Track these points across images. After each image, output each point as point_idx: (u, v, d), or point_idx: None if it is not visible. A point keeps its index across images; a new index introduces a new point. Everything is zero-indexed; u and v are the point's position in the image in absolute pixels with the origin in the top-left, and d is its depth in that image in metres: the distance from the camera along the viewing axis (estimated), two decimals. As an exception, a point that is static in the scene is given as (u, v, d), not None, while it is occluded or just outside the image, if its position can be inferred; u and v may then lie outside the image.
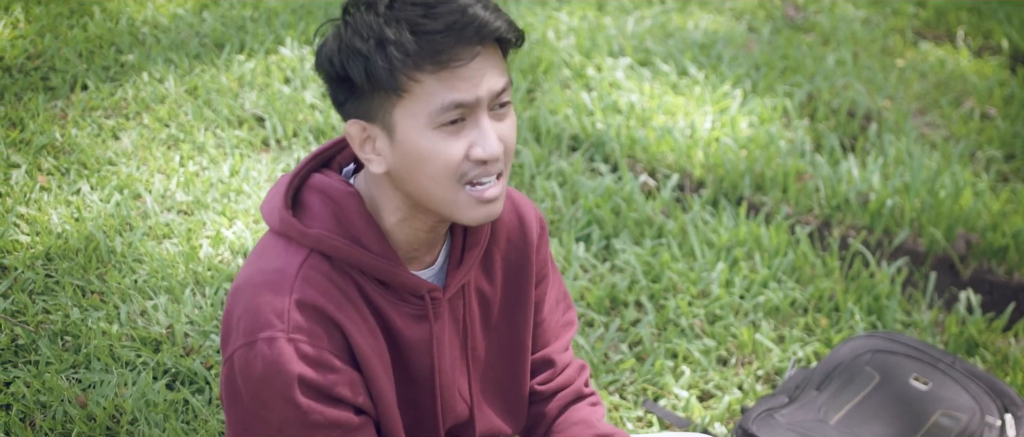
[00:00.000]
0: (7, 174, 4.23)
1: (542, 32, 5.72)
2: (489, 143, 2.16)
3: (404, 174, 2.21)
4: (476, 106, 2.15)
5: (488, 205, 2.22)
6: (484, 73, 2.15)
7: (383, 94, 2.14)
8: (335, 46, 2.17)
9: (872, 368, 3.57)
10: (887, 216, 4.57)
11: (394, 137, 2.17)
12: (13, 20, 5.29)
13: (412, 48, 2.09)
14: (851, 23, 6.29)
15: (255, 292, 2.25)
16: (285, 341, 2.21)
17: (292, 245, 2.29)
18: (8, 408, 3.37)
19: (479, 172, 2.19)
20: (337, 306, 2.26)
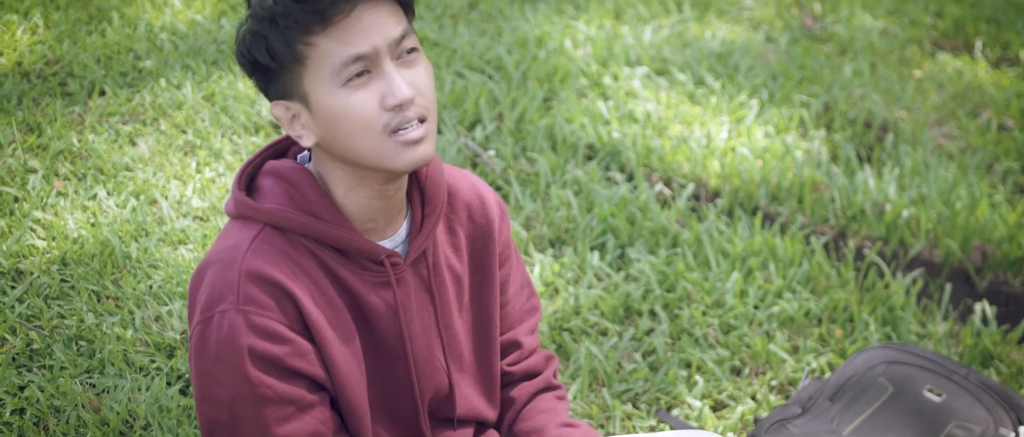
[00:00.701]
0: (24, 179, 4.24)
1: (559, 41, 5.72)
2: (397, 88, 2.23)
3: (330, 139, 2.29)
4: (377, 56, 2.23)
5: (415, 147, 2.28)
6: (377, 23, 2.23)
7: (289, 68, 2.24)
8: (242, 38, 2.27)
9: (886, 379, 3.56)
10: (903, 227, 4.56)
11: (311, 106, 2.26)
12: (32, 25, 5.31)
13: (298, 14, 2.19)
14: (869, 33, 6.29)
15: (210, 270, 2.34)
16: (236, 312, 2.28)
17: (247, 223, 2.37)
18: (22, 412, 3.38)
19: (399, 119, 2.25)
20: (289, 276, 2.32)
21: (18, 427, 3.31)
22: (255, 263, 2.30)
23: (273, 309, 2.29)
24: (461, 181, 2.62)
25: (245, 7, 2.29)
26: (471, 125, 4.99)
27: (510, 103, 5.14)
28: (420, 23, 5.78)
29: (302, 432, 2.35)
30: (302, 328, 2.34)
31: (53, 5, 5.49)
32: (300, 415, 2.35)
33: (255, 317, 2.28)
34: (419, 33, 5.62)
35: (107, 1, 5.59)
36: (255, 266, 2.29)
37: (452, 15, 6.00)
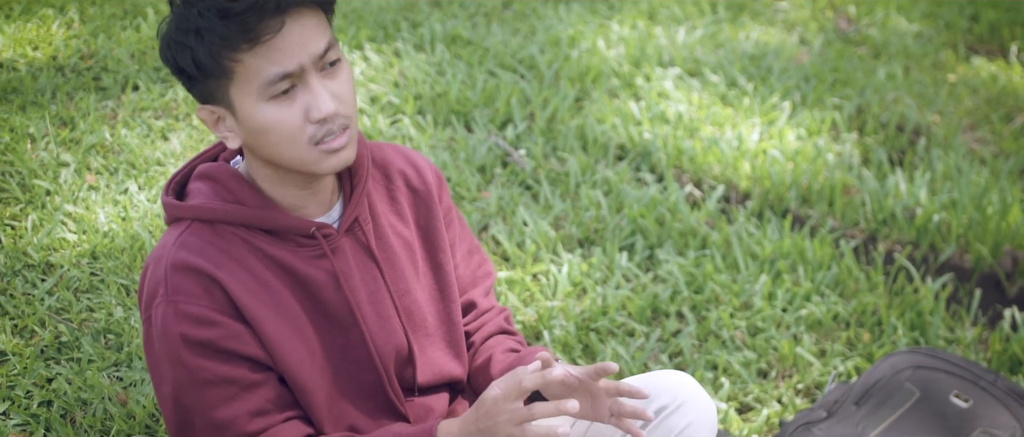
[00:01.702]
0: (57, 172, 4.27)
1: (592, 41, 5.72)
2: (322, 103, 2.29)
3: (255, 145, 2.36)
4: (302, 72, 2.28)
5: (337, 154, 2.36)
6: (302, 40, 2.27)
7: (214, 79, 2.28)
8: (165, 41, 2.30)
9: (912, 384, 3.55)
10: (933, 231, 4.54)
11: (236, 115, 2.32)
12: (68, 20, 5.34)
13: (224, 31, 2.21)
14: (903, 37, 6.26)
15: (146, 272, 2.42)
16: (166, 304, 2.35)
17: (177, 224, 2.44)
18: (49, 404, 3.40)
19: (323, 131, 2.32)
20: (215, 264, 2.38)
21: (45, 419, 3.34)
22: (179, 255, 2.37)
23: (200, 295, 2.36)
24: (391, 154, 2.69)
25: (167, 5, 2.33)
26: (502, 124, 4.99)
27: (541, 102, 5.14)
28: (454, 21, 5.79)
29: (246, 411, 2.41)
30: (233, 311, 2.39)
31: (89, 0, 5.52)
32: (244, 394, 2.41)
33: (183, 305, 2.35)
34: (453, 32, 5.63)
35: (142, -4, 5.63)
36: (179, 258, 2.37)
37: (486, 13, 6.01)
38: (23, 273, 3.82)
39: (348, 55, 5.34)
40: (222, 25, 2.20)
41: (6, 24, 5.21)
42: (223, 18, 2.20)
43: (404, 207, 2.66)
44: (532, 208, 4.47)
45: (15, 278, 3.79)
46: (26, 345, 3.56)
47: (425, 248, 2.70)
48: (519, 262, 4.19)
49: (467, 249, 2.85)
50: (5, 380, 3.44)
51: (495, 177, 4.63)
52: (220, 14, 2.20)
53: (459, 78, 5.22)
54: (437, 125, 4.92)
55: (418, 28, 5.69)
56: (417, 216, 2.68)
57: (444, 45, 5.52)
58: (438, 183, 2.73)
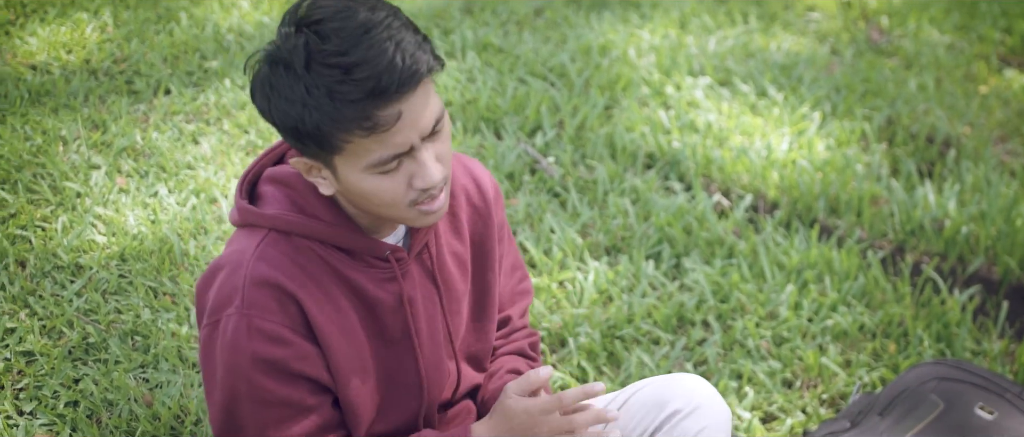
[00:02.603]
0: (88, 175, 4.31)
1: (623, 49, 5.73)
2: (428, 175, 2.24)
3: (352, 199, 2.30)
4: (409, 150, 2.22)
5: (434, 214, 2.33)
6: (415, 119, 2.20)
7: (319, 148, 2.20)
8: (263, 101, 2.21)
9: (937, 395, 3.54)
10: (962, 243, 4.53)
11: (337, 177, 2.25)
12: (102, 24, 5.38)
13: (337, 115, 2.13)
14: (935, 48, 6.25)
15: (218, 275, 2.37)
16: (240, 316, 2.31)
17: (252, 230, 2.39)
18: (76, 405, 3.43)
19: (425, 196, 2.28)
20: (293, 280, 2.34)
21: (71, 419, 3.36)
22: (259, 268, 2.33)
23: (276, 312, 2.33)
24: (456, 168, 2.64)
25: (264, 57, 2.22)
26: (532, 131, 5.00)
27: (571, 110, 5.15)
28: (486, 29, 5.80)
29: (298, 432, 2.40)
30: (305, 331, 2.37)
31: (123, 4, 5.57)
32: (299, 417, 2.40)
33: (259, 321, 2.31)
34: (484, 39, 5.65)
35: (176, 1, 5.66)
36: (259, 271, 2.32)
37: (517, 21, 6.03)
38: (53, 274, 3.85)
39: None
40: (335, 110, 2.12)
41: (41, 27, 5.26)
42: (335, 100, 2.12)
43: (463, 223, 2.63)
44: (560, 215, 4.48)
45: (44, 279, 3.83)
46: (54, 346, 3.59)
47: (475, 264, 2.68)
48: (545, 269, 4.20)
49: (512, 264, 2.84)
50: (33, 380, 3.47)
51: (524, 184, 4.64)
52: (331, 94, 2.12)
53: (489, 85, 5.23)
54: (467, 132, 4.94)
55: (449, 35, 5.70)
56: (473, 232, 2.66)
57: (475, 52, 5.53)
58: (496, 198, 2.69)
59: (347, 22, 2.12)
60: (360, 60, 2.10)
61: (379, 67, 2.10)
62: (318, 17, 2.13)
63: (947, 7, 6.72)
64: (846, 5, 6.68)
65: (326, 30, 2.11)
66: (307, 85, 2.11)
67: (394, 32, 2.13)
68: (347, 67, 2.10)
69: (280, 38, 2.17)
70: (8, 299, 3.73)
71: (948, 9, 6.69)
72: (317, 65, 2.10)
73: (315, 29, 2.12)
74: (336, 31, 2.11)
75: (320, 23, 2.12)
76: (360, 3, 2.16)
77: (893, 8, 6.64)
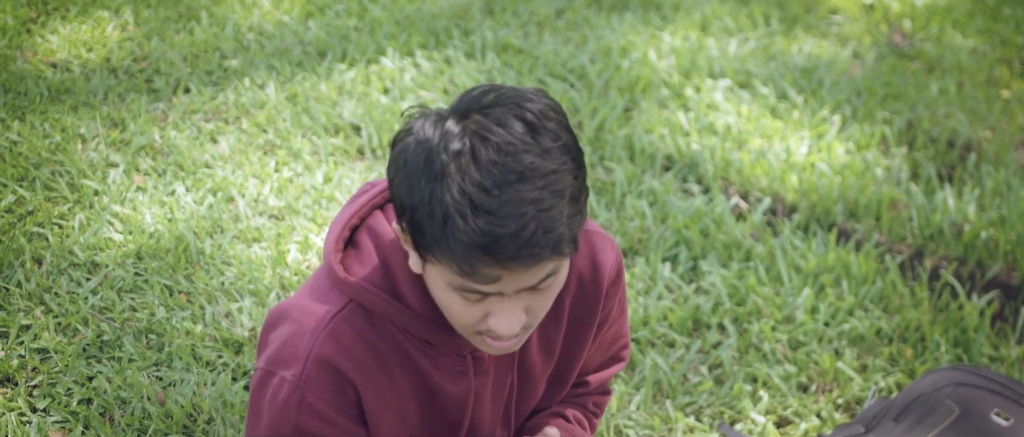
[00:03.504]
0: (105, 173, 4.32)
1: (643, 51, 5.72)
2: (503, 325, 2.08)
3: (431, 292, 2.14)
4: (502, 294, 2.06)
5: (500, 349, 2.18)
6: (517, 282, 2.02)
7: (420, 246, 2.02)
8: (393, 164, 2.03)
9: (953, 401, 3.52)
10: (981, 248, 4.51)
11: (424, 269, 2.09)
12: (123, 22, 5.40)
13: (441, 238, 1.95)
14: (958, 52, 6.22)
15: (289, 326, 2.25)
16: (293, 386, 2.22)
17: (335, 290, 2.25)
18: (89, 402, 3.44)
19: (494, 335, 2.13)
20: (357, 364, 2.23)
21: (84, 416, 3.37)
22: (326, 348, 2.21)
23: (330, 392, 2.23)
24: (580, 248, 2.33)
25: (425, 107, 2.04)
26: (550, 133, 4.99)
27: (590, 112, 5.15)
28: (506, 30, 5.80)
29: None
30: (357, 415, 2.28)
31: (144, 3, 5.58)
32: None
33: (311, 398, 2.22)
34: (504, 40, 5.65)
35: (197, 0, 5.66)
36: (326, 352, 2.21)
37: (538, 22, 6.02)
38: (69, 272, 3.86)
39: (399, 62, 5.36)
40: (443, 232, 1.93)
41: (62, 25, 5.28)
42: (449, 229, 1.93)
43: (564, 307, 2.42)
44: (577, 217, 4.47)
45: (60, 276, 3.84)
46: (69, 343, 3.60)
47: (565, 346, 2.50)
48: (561, 271, 4.19)
49: (614, 335, 2.64)
50: (46, 377, 3.48)
51: (541, 185, 4.62)
52: (448, 223, 1.93)
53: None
54: (485, 133, 4.92)
55: (470, 36, 5.70)
56: (573, 315, 2.45)
57: (495, 53, 5.53)
58: (614, 283, 2.47)
59: (509, 158, 1.92)
60: (493, 209, 1.90)
61: (506, 229, 1.91)
62: (486, 129, 1.94)
63: (970, 11, 6.69)
64: (869, 8, 6.65)
65: (484, 154, 1.92)
66: (433, 192, 1.93)
67: (547, 195, 1.92)
68: (477, 206, 1.91)
69: (441, 119, 1.98)
70: (24, 296, 3.75)
71: (971, 13, 6.66)
72: (453, 181, 1.92)
73: (478, 139, 1.93)
74: (493, 162, 1.91)
75: (486, 140, 1.93)
76: (540, 139, 1.95)
77: (916, 12, 6.62)
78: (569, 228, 1.96)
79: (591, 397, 2.69)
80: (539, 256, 1.93)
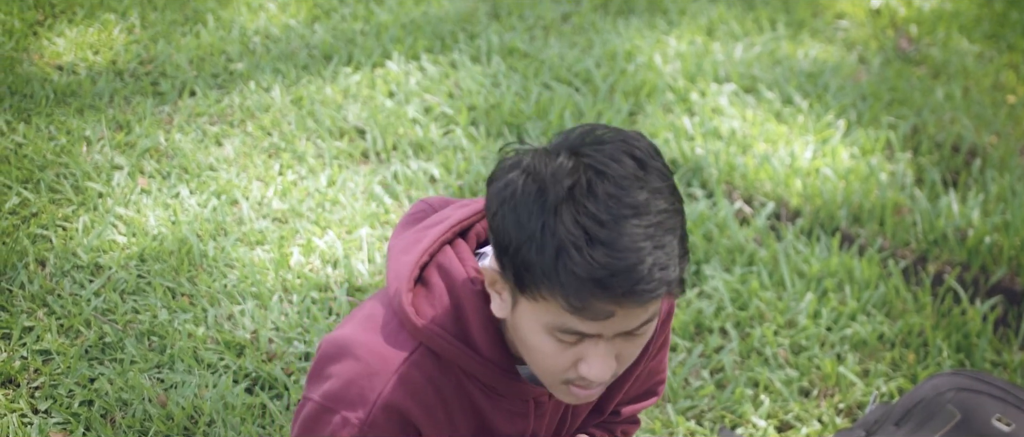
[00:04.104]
0: (110, 175, 4.33)
1: (649, 55, 5.72)
2: (596, 370, 2.05)
3: (516, 337, 2.11)
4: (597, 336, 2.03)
5: (580, 399, 2.17)
6: (625, 322, 2.01)
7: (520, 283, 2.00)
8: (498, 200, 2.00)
9: (954, 406, 3.52)
10: (985, 253, 4.51)
11: (515, 310, 2.06)
12: (129, 25, 5.41)
13: (552, 274, 1.93)
14: (964, 57, 6.21)
15: (353, 365, 2.20)
16: (359, 430, 2.18)
17: (403, 332, 2.20)
18: (91, 404, 3.45)
19: (584, 382, 2.10)
20: (425, 409, 2.20)
21: (86, 418, 3.38)
22: (396, 393, 2.17)
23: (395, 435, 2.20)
24: None
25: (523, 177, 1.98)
26: (554, 137, 4.99)
27: (595, 116, 5.15)
28: (512, 33, 5.81)
29: None
30: None
31: (151, 6, 5.59)
32: None
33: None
34: (510, 44, 5.65)
35: (203, 3, 5.68)
36: (396, 398, 2.17)
37: (544, 26, 6.03)
38: (72, 274, 3.87)
39: (404, 66, 5.37)
40: (555, 268, 1.92)
41: (69, 28, 5.29)
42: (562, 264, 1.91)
43: None
44: (580, 221, 4.47)
45: (64, 278, 3.85)
46: (71, 345, 3.61)
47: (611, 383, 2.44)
48: (564, 274, 4.19)
49: (654, 368, 2.61)
50: (48, 379, 3.49)
51: (544, 189, 4.63)
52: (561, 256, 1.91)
53: (513, 90, 5.23)
54: (489, 136, 4.94)
55: (475, 39, 5.71)
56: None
57: (500, 57, 5.53)
58: (664, 322, 2.45)
59: (624, 193, 1.92)
60: (610, 241, 1.90)
61: (623, 263, 1.90)
62: (600, 164, 1.94)
63: (977, 16, 6.68)
64: (875, 13, 6.65)
65: (600, 187, 1.91)
66: (546, 224, 1.92)
67: (661, 233, 1.92)
68: (593, 240, 1.90)
69: (550, 154, 1.98)
70: (27, 298, 3.76)
71: (978, 18, 6.66)
72: (567, 215, 1.91)
73: (593, 173, 1.93)
74: (609, 195, 1.91)
75: (601, 174, 1.92)
76: (650, 178, 1.96)
77: (922, 16, 6.61)
78: (680, 267, 1.96)
79: (620, 425, 2.68)
80: (654, 292, 1.92)
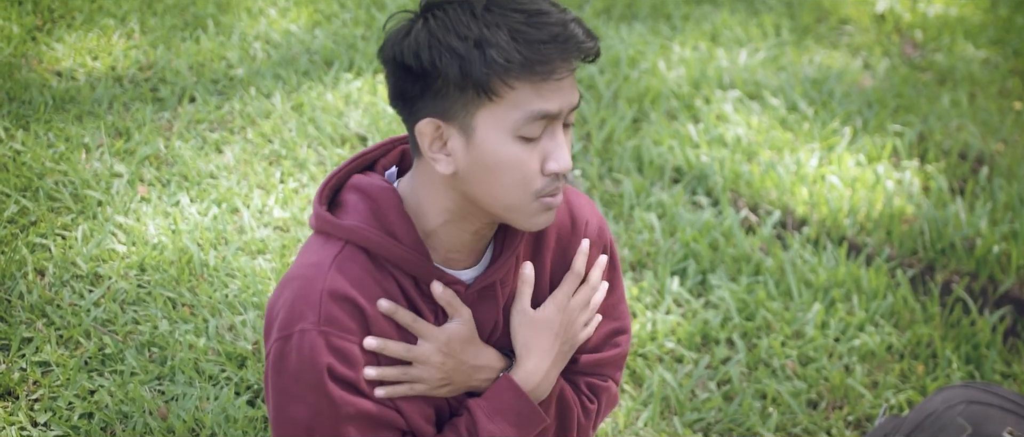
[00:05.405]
0: (109, 183, 4.28)
1: (653, 62, 5.68)
2: (563, 157, 2.21)
3: (473, 178, 2.23)
4: (557, 119, 2.20)
5: (549, 212, 2.27)
6: (571, 87, 2.20)
7: (470, 95, 2.16)
8: (424, 40, 2.15)
9: (964, 419, 3.48)
10: (993, 263, 4.47)
11: (472, 140, 2.20)
12: (128, 31, 5.36)
13: (514, 55, 2.11)
14: (970, 63, 6.17)
15: (292, 286, 2.30)
16: (317, 334, 2.25)
17: (329, 239, 2.32)
18: (90, 416, 3.40)
19: (553, 187, 2.23)
20: (369, 298, 2.28)
21: (86, 431, 3.33)
22: (337, 282, 2.26)
23: (354, 331, 2.27)
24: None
25: (418, 6, 2.21)
26: (558, 144, 4.95)
27: (598, 122, 5.11)
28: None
29: None
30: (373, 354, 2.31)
31: (150, 12, 5.55)
32: (379, 432, 2.33)
33: (335, 339, 2.25)
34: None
35: (203, 9, 5.64)
36: (337, 286, 2.26)
37: (546, 32, 5.98)
38: (71, 283, 3.83)
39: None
40: (515, 47, 2.12)
41: (67, 33, 5.24)
42: (516, 40, 2.12)
43: (545, 261, 2.49)
44: (584, 230, 4.43)
45: (63, 288, 3.80)
46: (70, 356, 3.56)
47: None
48: (569, 284, 4.15)
49: (609, 308, 2.62)
50: (48, 391, 3.45)
51: (548, 197, 4.59)
52: (512, 34, 2.12)
53: (516, 96, 5.19)
54: (492, 143, 4.89)
55: (477, 45, 5.66)
56: (554, 267, 2.51)
57: (503, 63, 5.48)
58: (597, 239, 2.55)
59: None
60: (544, 11, 2.14)
61: (563, 19, 2.15)
62: None
63: (982, 22, 6.65)
64: (880, 19, 6.61)
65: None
66: (486, 23, 2.13)
67: (567, 12, 2.18)
68: (532, 12, 2.14)
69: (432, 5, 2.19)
70: (26, 308, 3.71)
71: (983, 24, 6.62)
72: (498, 8, 2.14)
73: None
74: None
75: None
76: None
77: (928, 22, 6.58)
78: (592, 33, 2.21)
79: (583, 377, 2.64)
80: (594, 46, 2.17)
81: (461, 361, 2.40)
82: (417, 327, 2.34)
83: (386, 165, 2.41)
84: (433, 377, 2.38)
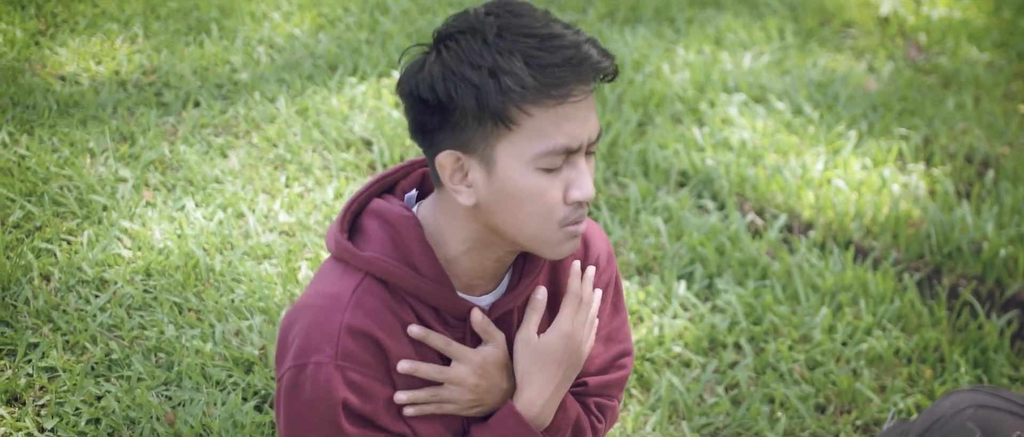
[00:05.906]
0: (114, 188, 4.27)
1: (657, 65, 5.67)
2: (586, 186, 2.19)
3: (496, 209, 2.22)
4: (579, 150, 2.18)
5: (574, 240, 2.25)
6: (589, 115, 2.18)
7: (489, 126, 2.15)
8: (438, 72, 2.14)
9: (974, 424, 3.47)
10: (1000, 266, 4.46)
11: (493, 172, 2.18)
12: (132, 35, 5.36)
13: (529, 80, 2.10)
14: (974, 66, 6.16)
15: (309, 315, 2.28)
16: (333, 368, 2.24)
17: (348, 269, 2.31)
18: (98, 422, 3.39)
19: (577, 214, 2.21)
20: (387, 332, 2.28)
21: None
22: (357, 318, 2.25)
23: (370, 365, 2.27)
24: None
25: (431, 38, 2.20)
26: (563, 148, 4.94)
27: (603, 126, 5.10)
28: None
29: None
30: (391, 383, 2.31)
31: (154, 16, 5.54)
32: None
33: (351, 373, 2.25)
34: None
35: (207, 13, 5.63)
36: (356, 322, 2.25)
37: (550, 36, 5.97)
38: (77, 289, 3.81)
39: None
40: (528, 73, 2.10)
41: (71, 38, 5.24)
42: (529, 65, 2.11)
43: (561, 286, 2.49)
44: (590, 234, 4.42)
45: (69, 294, 3.79)
46: (77, 361, 3.55)
47: None
48: (575, 288, 4.14)
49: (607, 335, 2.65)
50: (54, 396, 3.43)
51: (554, 201, 4.58)
52: (526, 60, 2.11)
53: (521, 100, 5.17)
54: (497, 147, 4.88)
55: (481, 49, 5.65)
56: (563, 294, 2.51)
57: (507, 67, 5.47)
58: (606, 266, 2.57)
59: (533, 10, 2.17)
60: (556, 34, 2.12)
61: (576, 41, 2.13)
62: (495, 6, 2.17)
63: (986, 24, 6.64)
64: (884, 21, 6.60)
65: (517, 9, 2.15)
66: (499, 50, 2.11)
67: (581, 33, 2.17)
68: (544, 37, 2.12)
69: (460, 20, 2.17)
70: (32, 313, 3.70)
71: (987, 26, 6.61)
72: (510, 34, 2.12)
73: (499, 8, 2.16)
74: (528, 11, 2.15)
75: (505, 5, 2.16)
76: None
77: (932, 25, 6.57)
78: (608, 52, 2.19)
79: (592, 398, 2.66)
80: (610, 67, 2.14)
81: (494, 383, 2.40)
82: (452, 349, 2.34)
83: (406, 188, 2.40)
84: (465, 398, 2.38)
